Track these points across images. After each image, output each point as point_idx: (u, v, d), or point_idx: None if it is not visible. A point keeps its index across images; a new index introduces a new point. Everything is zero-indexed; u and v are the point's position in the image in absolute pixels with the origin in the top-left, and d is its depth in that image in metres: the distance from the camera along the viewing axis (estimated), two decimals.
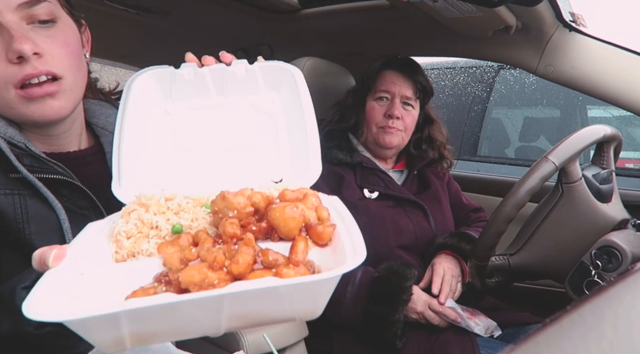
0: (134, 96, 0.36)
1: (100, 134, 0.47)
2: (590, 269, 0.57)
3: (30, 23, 0.36)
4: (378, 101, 0.80)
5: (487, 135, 1.64)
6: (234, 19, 0.90)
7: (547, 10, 0.71)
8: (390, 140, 0.79)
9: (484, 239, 0.62)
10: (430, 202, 0.81)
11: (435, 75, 1.70)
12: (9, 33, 0.34)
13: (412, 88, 0.79)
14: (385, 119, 0.78)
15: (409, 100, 0.79)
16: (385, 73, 0.80)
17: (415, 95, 0.80)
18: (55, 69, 0.37)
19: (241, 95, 0.37)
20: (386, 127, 0.78)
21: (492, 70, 1.59)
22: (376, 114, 0.79)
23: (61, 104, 0.38)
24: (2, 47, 0.35)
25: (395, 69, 0.80)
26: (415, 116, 0.81)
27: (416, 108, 0.81)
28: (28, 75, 0.35)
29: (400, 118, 0.78)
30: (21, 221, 0.36)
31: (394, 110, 0.78)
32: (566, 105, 1.60)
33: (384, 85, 0.79)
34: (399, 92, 0.79)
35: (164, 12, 0.84)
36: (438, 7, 0.64)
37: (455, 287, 0.73)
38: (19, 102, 0.36)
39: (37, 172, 0.38)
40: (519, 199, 0.60)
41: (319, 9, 0.86)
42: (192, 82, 0.37)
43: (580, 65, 0.76)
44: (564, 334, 0.14)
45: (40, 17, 0.36)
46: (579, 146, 0.62)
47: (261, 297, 0.23)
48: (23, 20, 0.35)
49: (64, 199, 0.40)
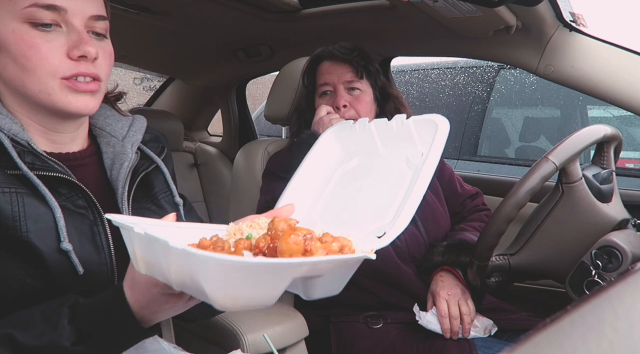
0: (318, 146, 0.45)
1: (98, 134, 0.48)
2: (591, 269, 0.57)
3: (88, 31, 0.42)
4: (323, 97, 0.76)
5: (488, 135, 1.64)
6: (235, 19, 0.90)
7: (548, 10, 0.71)
8: None
9: (484, 239, 0.62)
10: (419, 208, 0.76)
11: (436, 75, 1.70)
12: (79, 35, 0.40)
13: (351, 70, 0.74)
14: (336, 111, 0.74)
15: (352, 83, 0.74)
16: (319, 67, 0.77)
17: (357, 75, 0.74)
18: (100, 74, 0.42)
19: (399, 148, 0.42)
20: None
21: (492, 70, 1.59)
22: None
23: (94, 103, 0.42)
24: (65, 43, 0.40)
25: (330, 58, 0.76)
26: (368, 98, 0.76)
27: (365, 90, 0.75)
28: (82, 73, 0.40)
29: (348, 105, 0.73)
30: (18, 219, 0.37)
31: (338, 100, 0.73)
32: (566, 105, 1.60)
33: (322, 78, 0.76)
34: (339, 79, 0.74)
35: (164, 12, 0.84)
36: (438, 7, 0.64)
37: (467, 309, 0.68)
38: (60, 91, 0.40)
39: (37, 170, 0.39)
40: (519, 199, 0.60)
41: (320, 8, 0.86)
42: (361, 135, 0.44)
43: (581, 65, 0.76)
44: (564, 335, 0.14)
45: (97, 30, 0.43)
46: (579, 146, 0.62)
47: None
48: (85, 29, 0.41)
49: (62, 198, 0.41)
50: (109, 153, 0.47)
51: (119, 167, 0.46)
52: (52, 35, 0.39)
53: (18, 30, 0.38)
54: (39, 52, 0.38)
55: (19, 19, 0.38)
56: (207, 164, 1.31)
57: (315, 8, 0.87)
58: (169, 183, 0.49)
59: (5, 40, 0.39)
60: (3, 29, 0.39)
